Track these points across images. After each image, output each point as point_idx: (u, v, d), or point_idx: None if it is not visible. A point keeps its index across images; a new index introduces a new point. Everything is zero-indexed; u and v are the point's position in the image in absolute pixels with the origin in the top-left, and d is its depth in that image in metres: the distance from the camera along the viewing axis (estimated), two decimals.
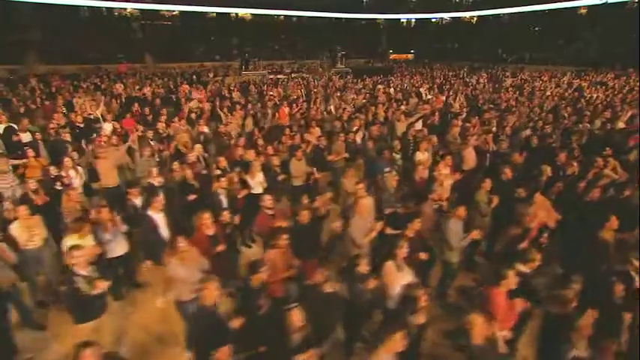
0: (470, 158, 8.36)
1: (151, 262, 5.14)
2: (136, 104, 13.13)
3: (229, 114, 11.84)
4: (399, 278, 4.13)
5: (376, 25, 54.32)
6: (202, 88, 17.63)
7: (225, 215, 5.27)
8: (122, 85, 18.90)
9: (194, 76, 22.23)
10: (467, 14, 51.37)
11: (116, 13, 40.32)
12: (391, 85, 20.37)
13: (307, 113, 12.39)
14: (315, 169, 7.78)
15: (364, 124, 10.82)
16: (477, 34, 47.69)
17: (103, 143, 8.35)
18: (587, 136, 9.49)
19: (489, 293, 3.77)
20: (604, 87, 18.31)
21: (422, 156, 7.83)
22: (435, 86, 19.48)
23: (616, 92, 16.55)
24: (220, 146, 9.38)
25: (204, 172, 7.44)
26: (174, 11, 42.30)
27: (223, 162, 7.34)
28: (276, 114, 12.20)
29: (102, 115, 11.78)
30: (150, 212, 5.29)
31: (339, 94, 16.22)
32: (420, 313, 3.62)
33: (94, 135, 9.56)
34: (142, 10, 39.92)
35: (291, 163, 7.60)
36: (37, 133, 8.79)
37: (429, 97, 16.20)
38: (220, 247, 4.74)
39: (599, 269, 4.71)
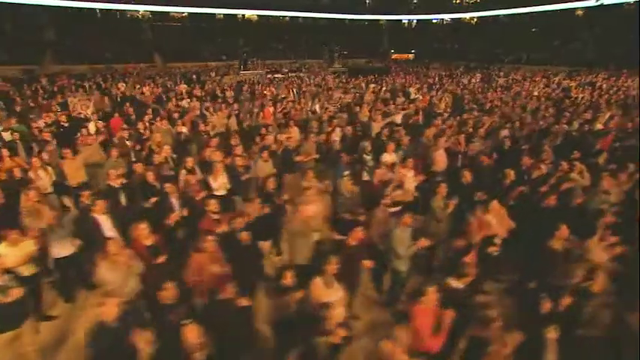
0: (440, 160, 7.96)
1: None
2: (127, 103, 12.95)
3: (215, 113, 11.59)
4: (327, 295, 3.80)
5: (378, 26, 53.49)
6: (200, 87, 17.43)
7: (171, 219, 4.98)
8: (124, 85, 18.75)
9: (194, 76, 21.93)
10: (467, 15, 50.36)
11: (128, 15, 40.21)
12: (383, 84, 19.86)
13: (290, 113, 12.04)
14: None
15: (346, 124, 10.47)
16: (476, 35, 46.76)
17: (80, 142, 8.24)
18: (562, 138, 8.99)
19: (412, 310, 3.42)
20: (591, 87, 17.59)
21: (388, 157, 7.44)
22: (425, 86, 18.95)
23: (603, 93, 15.88)
24: (200, 146, 9.10)
25: (172, 173, 7.15)
26: (183, 13, 42.04)
27: (191, 162, 7.04)
28: (261, 113, 11.89)
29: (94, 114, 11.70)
30: (94, 214, 5.02)
31: (327, 94, 15.82)
32: (336, 333, 3.25)
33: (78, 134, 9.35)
34: (152, 12, 39.77)
35: (257, 164, 7.28)
36: (16, 133, 8.58)
37: (417, 96, 15.76)
38: (160, 259, 4.40)
39: (543, 283, 4.30)
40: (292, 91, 16.86)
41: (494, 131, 9.71)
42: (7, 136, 8.74)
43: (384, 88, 17.65)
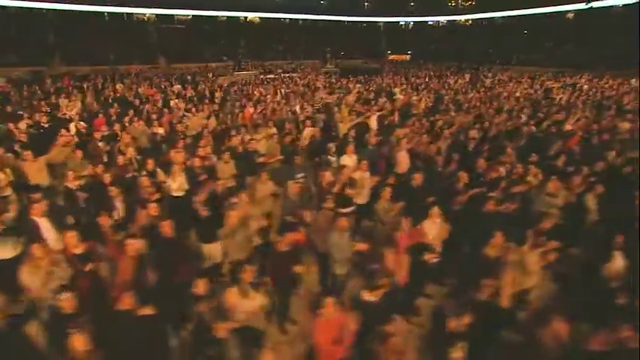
0: (403, 161, 7.67)
1: None
2: (116, 104, 12.79)
3: (196, 114, 11.36)
4: (242, 305, 3.56)
5: (377, 28, 52.91)
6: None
7: (102, 221, 4.69)
8: (122, 86, 18.58)
9: (188, 77, 21.67)
10: (462, 17, 49.74)
11: (135, 18, 40.10)
12: (371, 84, 19.50)
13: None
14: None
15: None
16: (470, 37, 46.16)
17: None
18: (527, 139, 8.65)
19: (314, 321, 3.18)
20: (572, 89, 17.05)
21: (347, 159, 7.15)
22: (411, 87, 18.57)
23: (582, 94, 15.40)
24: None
25: (136, 174, 6.91)
26: (187, 15, 41.79)
27: (151, 164, 6.82)
28: (240, 114, 11.64)
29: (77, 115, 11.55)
30: (33, 216, 4.82)
31: (310, 94, 15.54)
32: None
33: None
34: (158, 15, 39.63)
35: (218, 166, 7.05)
36: None
37: (399, 97, 15.40)
38: (89, 267, 4.08)
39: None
40: (280, 91, 16.57)
41: (463, 132, 9.37)
42: None
43: (370, 89, 17.32)
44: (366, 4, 52.66)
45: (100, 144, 8.32)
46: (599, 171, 6.56)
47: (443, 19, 51.56)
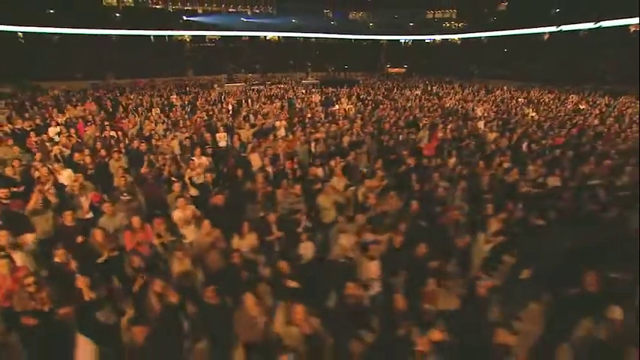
0: (255, 165, 7.57)
1: None
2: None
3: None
4: None
5: (379, 44, 51.76)
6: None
7: None
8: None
9: (186, 88, 22.38)
10: (454, 36, 47.96)
11: (176, 39, 41.52)
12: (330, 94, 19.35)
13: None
14: None
15: None
16: (458, 53, 44.47)
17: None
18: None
19: None
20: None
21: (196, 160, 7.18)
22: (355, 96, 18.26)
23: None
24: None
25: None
26: (217, 36, 42.86)
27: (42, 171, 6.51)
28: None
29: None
30: None
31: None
32: None
33: None
34: (193, 36, 41.02)
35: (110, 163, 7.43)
36: None
37: (341, 106, 15.25)
38: None
39: None
40: (248, 101, 16.83)
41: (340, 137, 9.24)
42: None
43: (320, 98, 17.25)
44: (370, 24, 51.54)
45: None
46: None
47: (438, 37, 49.68)
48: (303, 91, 21.07)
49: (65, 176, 6.81)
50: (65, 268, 3.96)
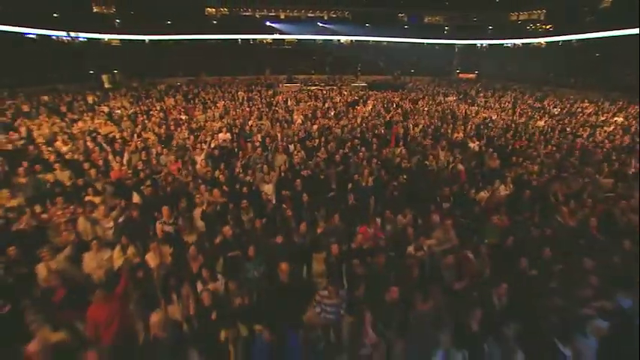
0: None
1: None
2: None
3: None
4: None
5: (452, 48, 52.13)
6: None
7: None
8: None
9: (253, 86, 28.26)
10: (535, 40, 46.00)
11: (259, 42, 48.94)
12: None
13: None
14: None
15: None
16: (537, 59, 42.92)
17: None
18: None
19: None
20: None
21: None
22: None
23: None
24: None
25: None
26: (293, 40, 49.14)
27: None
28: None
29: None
30: None
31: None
32: None
33: None
34: (274, 39, 48.02)
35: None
36: None
37: (359, 107, 18.80)
38: None
39: None
40: (287, 100, 21.44)
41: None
42: None
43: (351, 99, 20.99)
44: (446, 28, 52.30)
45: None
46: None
47: (519, 41, 48.04)
48: (346, 92, 24.90)
49: (152, 139, 12.18)
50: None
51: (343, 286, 4.59)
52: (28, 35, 33.47)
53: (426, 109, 18.46)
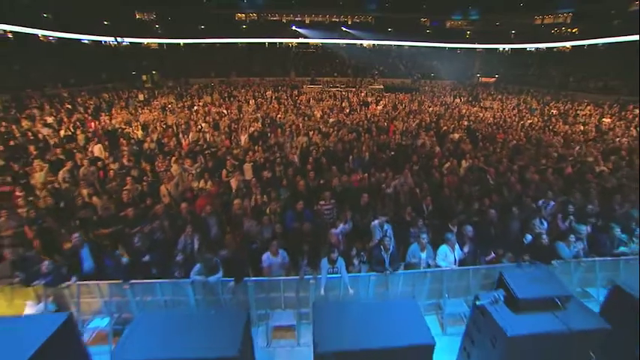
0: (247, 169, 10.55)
1: None
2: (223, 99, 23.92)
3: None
4: None
5: (474, 52, 54.62)
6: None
7: None
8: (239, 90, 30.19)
9: (279, 87, 32.30)
10: (560, 44, 47.80)
11: (285, 45, 53.41)
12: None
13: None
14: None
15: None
16: (560, 64, 44.89)
17: None
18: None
19: None
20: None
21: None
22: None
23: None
24: None
25: None
26: (319, 43, 53.24)
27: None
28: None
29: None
30: None
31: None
32: None
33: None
34: (299, 43, 52.27)
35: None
36: None
37: (373, 105, 22.28)
38: None
39: None
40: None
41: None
42: None
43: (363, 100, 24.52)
44: (468, 32, 54.92)
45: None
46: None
47: (543, 45, 50.03)
48: (363, 93, 28.45)
49: (204, 125, 16.17)
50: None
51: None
52: (83, 41, 39.39)
53: (430, 109, 21.70)
